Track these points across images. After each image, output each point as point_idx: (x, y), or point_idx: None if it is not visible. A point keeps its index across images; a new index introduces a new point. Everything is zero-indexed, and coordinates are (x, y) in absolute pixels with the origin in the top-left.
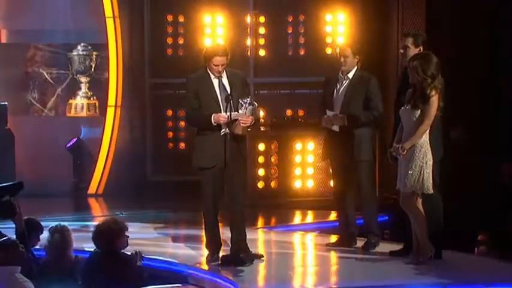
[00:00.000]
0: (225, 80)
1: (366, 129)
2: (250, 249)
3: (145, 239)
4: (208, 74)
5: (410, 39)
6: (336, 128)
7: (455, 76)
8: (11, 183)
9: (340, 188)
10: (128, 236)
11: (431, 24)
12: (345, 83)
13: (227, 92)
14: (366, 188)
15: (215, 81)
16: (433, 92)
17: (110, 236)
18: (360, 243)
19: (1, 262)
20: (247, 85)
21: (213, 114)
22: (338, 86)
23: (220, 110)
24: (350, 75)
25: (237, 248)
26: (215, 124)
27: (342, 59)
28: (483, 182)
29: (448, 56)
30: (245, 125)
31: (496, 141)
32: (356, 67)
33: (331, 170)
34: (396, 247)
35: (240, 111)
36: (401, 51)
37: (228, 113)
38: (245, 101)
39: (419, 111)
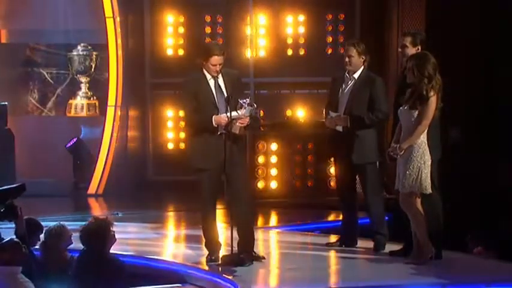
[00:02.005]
0: (220, 81)
1: (370, 131)
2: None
3: (145, 239)
4: (204, 75)
5: (409, 39)
6: (339, 128)
7: (455, 76)
8: (14, 185)
9: (345, 189)
10: (114, 230)
11: (431, 24)
12: (351, 83)
13: (223, 92)
14: (373, 189)
15: (211, 82)
16: (432, 93)
17: (102, 234)
18: (360, 243)
19: (3, 262)
20: (243, 84)
21: (214, 116)
22: (343, 86)
23: (217, 110)
24: (356, 75)
25: (242, 250)
26: (215, 125)
27: (347, 59)
28: (482, 182)
29: (447, 56)
30: (242, 124)
31: (495, 141)
32: (362, 67)
33: (334, 171)
34: (396, 247)
35: (239, 111)
36: (400, 50)
37: (228, 114)
38: (244, 101)
39: (417, 111)
